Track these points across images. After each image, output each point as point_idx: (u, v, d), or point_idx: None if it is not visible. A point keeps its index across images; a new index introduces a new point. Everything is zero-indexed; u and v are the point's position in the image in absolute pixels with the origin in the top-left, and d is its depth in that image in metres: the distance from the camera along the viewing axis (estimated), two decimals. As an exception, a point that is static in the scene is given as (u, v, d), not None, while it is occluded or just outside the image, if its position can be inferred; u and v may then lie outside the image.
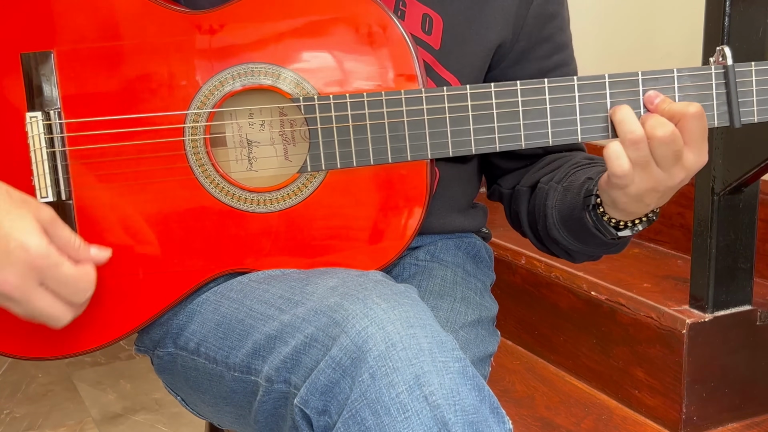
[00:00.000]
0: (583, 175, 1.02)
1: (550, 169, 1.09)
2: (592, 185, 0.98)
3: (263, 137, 0.99)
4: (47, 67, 0.96)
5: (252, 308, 0.94)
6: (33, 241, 0.84)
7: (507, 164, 1.15)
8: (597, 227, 0.98)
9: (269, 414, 0.92)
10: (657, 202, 0.93)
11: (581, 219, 0.99)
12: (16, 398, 2.29)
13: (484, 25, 1.06)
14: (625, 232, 0.98)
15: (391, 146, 0.93)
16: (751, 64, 0.90)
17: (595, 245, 1.03)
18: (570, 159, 1.10)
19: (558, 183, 1.05)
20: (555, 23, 1.10)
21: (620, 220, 0.96)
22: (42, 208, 0.86)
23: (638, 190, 0.90)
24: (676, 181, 0.89)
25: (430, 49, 1.04)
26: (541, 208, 1.06)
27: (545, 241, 1.10)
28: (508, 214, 1.17)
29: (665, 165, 0.88)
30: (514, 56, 1.09)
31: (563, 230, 1.04)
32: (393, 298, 0.85)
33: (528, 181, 1.11)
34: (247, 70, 0.95)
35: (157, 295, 0.99)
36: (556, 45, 1.11)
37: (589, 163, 1.07)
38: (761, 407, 1.87)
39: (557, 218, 1.04)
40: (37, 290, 0.85)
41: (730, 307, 1.80)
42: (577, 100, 0.91)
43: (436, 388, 0.79)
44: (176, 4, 0.98)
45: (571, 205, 1.01)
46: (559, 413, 1.95)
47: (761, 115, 0.91)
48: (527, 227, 1.12)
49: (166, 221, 0.97)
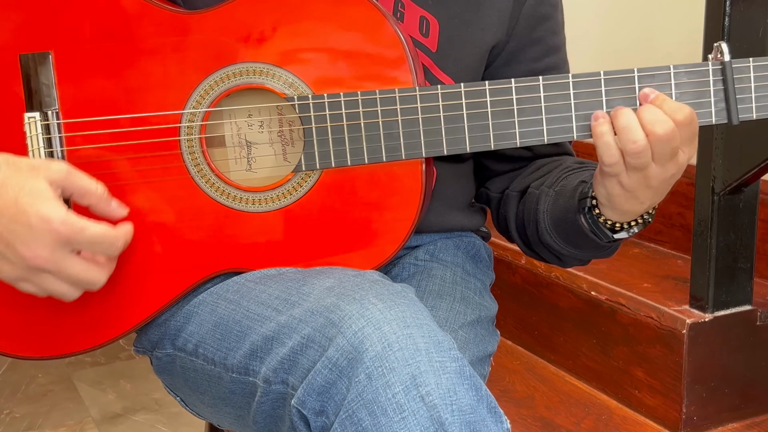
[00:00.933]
0: (576, 179, 1.02)
1: (540, 174, 1.09)
2: (586, 188, 0.97)
3: (262, 138, 0.99)
4: (46, 68, 0.96)
5: (249, 309, 0.94)
6: (52, 211, 0.84)
7: (496, 166, 1.15)
8: (592, 230, 0.98)
9: (267, 414, 0.92)
10: (651, 199, 0.92)
11: (575, 222, 0.98)
12: (16, 398, 2.29)
13: (480, 27, 1.06)
14: (621, 234, 0.97)
15: (385, 145, 0.92)
16: (749, 60, 0.89)
17: (588, 248, 1.02)
18: (560, 163, 1.09)
19: (549, 187, 1.04)
20: (547, 25, 1.09)
21: (616, 222, 0.96)
22: (53, 167, 0.87)
23: (631, 184, 0.89)
24: (668, 174, 0.89)
25: (427, 52, 1.04)
26: (532, 213, 1.06)
27: (535, 246, 1.09)
28: (495, 218, 1.16)
29: (661, 161, 0.88)
30: (505, 57, 1.09)
31: (555, 234, 1.03)
32: (390, 298, 0.85)
33: (518, 185, 1.11)
34: (242, 69, 0.95)
35: (154, 294, 0.99)
36: (547, 47, 1.10)
37: (580, 167, 1.06)
38: (761, 407, 1.87)
39: (549, 222, 1.03)
40: (68, 258, 0.86)
41: (730, 307, 1.80)
42: (573, 98, 0.90)
43: (433, 388, 0.79)
44: (172, 5, 0.98)
45: (564, 208, 1.00)
46: (559, 413, 1.94)
47: (759, 112, 0.90)
48: (515, 232, 1.11)
49: (162, 221, 0.97)
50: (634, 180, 0.89)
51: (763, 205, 1.87)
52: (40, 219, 0.84)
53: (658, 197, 0.93)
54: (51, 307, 0.98)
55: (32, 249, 0.84)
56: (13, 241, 0.85)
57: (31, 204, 0.84)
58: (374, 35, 0.93)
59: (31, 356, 1.00)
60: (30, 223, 0.84)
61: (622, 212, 0.94)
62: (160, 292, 0.99)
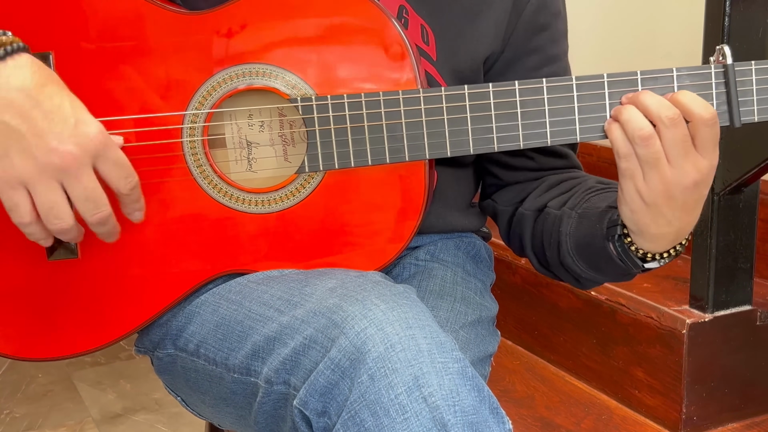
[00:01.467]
0: (601, 202, 0.99)
1: (558, 192, 1.06)
2: (615, 215, 0.94)
3: (263, 138, 0.98)
4: None
5: (251, 309, 0.94)
6: (92, 120, 0.85)
7: (504, 175, 1.12)
8: (621, 257, 0.95)
9: (269, 415, 0.92)
10: (680, 219, 0.89)
11: (603, 248, 0.96)
12: (16, 398, 2.29)
13: (475, 39, 1.05)
14: (651, 264, 0.94)
15: (389, 147, 0.92)
16: (751, 63, 0.89)
17: (612, 274, 0.99)
18: (583, 183, 1.06)
19: (572, 209, 1.02)
20: (546, 35, 1.08)
21: (647, 252, 0.93)
22: None
23: (650, 193, 0.87)
24: (688, 180, 0.86)
25: (429, 59, 1.04)
26: (554, 235, 1.03)
27: (554, 268, 1.06)
28: (505, 234, 1.13)
29: (675, 155, 0.86)
30: (500, 66, 1.08)
31: (578, 258, 1.00)
32: (392, 299, 0.85)
33: (533, 204, 1.08)
34: (245, 70, 0.95)
35: (156, 296, 0.99)
36: (546, 57, 1.09)
37: (603, 188, 1.03)
38: (761, 407, 1.87)
39: (572, 246, 1.00)
40: (88, 169, 0.85)
41: (730, 307, 1.81)
42: (576, 100, 0.90)
43: (436, 389, 0.79)
44: (174, 5, 0.98)
45: (590, 234, 0.98)
46: (559, 413, 1.95)
47: (761, 115, 0.90)
48: (531, 252, 1.08)
49: (164, 222, 0.97)
50: (652, 185, 0.87)
51: (763, 205, 1.87)
52: (80, 121, 0.84)
53: (687, 215, 0.89)
54: (52, 308, 0.98)
55: (65, 144, 0.83)
56: (46, 133, 0.82)
57: (75, 108, 0.84)
58: (378, 36, 0.93)
59: (31, 357, 1.00)
60: (69, 122, 0.83)
61: (651, 237, 0.91)
62: (161, 294, 0.99)
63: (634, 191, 0.88)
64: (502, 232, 1.14)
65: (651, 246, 0.92)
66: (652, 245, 0.92)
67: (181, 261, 0.98)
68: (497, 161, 1.12)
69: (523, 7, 1.06)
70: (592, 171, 1.67)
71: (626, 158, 0.87)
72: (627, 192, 0.89)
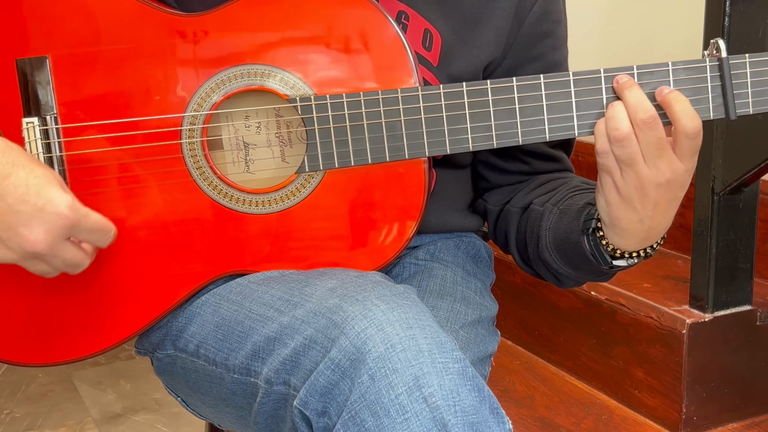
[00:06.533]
0: (582, 200, 1.01)
1: (544, 191, 1.08)
2: (593, 210, 0.96)
3: (260, 139, 0.98)
4: (43, 73, 0.95)
5: (251, 310, 0.94)
6: (62, 195, 0.87)
7: (496, 178, 1.13)
8: (593, 252, 0.96)
9: (269, 415, 0.92)
10: (651, 218, 0.90)
11: (578, 243, 0.97)
12: (16, 398, 2.29)
13: (477, 45, 1.05)
14: (620, 261, 0.96)
15: (388, 145, 0.92)
16: (745, 56, 0.90)
17: (586, 272, 1.01)
18: (567, 182, 1.08)
19: (554, 205, 1.03)
20: (547, 42, 1.09)
21: (617, 249, 0.94)
22: None
23: (626, 188, 0.89)
24: (662, 179, 0.87)
25: (428, 66, 1.04)
26: (534, 230, 1.05)
27: (533, 263, 1.08)
28: (492, 231, 1.15)
29: (650, 155, 0.87)
30: (501, 73, 1.08)
31: (556, 253, 1.02)
32: (392, 299, 0.85)
33: (519, 202, 1.09)
34: (243, 72, 0.95)
35: (157, 298, 0.99)
36: (547, 64, 1.09)
37: (587, 187, 1.05)
38: (761, 407, 1.87)
39: (551, 240, 1.02)
40: (64, 244, 0.89)
41: (730, 307, 1.81)
42: (573, 96, 0.91)
43: (436, 389, 0.79)
44: (170, 8, 0.98)
45: (568, 228, 0.99)
46: (559, 413, 1.95)
47: (756, 107, 0.91)
48: (514, 248, 1.10)
49: (164, 224, 0.97)
50: (628, 180, 0.88)
51: (763, 205, 1.87)
52: (47, 202, 0.85)
53: (659, 215, 0.90)
54: (53, 312, 0.97)
55: (35, 233, 0.86)
56: (16, 224, 0.85)
57: (40, 189, 0.86)
58: (376, 35, 0.93)
59: (31, 363, 1.00)
60: (36, 206, 0.85)
61: (622, 231, 0.92)
62: (162, 296, 0.99)
63: (611, 184, 0.90)
64: (489, 229, 1.16)
65: (620, 242, 0.93)
66: (621, 241, 0.93)
67: (182, 263, 0.98)
68: (493, 165, 1.13)
69: (526, 14, 1.06)
70: (592, 171, 1.66)
71: (604, 155, 0.89)
72: (605, 184, 0.90)
